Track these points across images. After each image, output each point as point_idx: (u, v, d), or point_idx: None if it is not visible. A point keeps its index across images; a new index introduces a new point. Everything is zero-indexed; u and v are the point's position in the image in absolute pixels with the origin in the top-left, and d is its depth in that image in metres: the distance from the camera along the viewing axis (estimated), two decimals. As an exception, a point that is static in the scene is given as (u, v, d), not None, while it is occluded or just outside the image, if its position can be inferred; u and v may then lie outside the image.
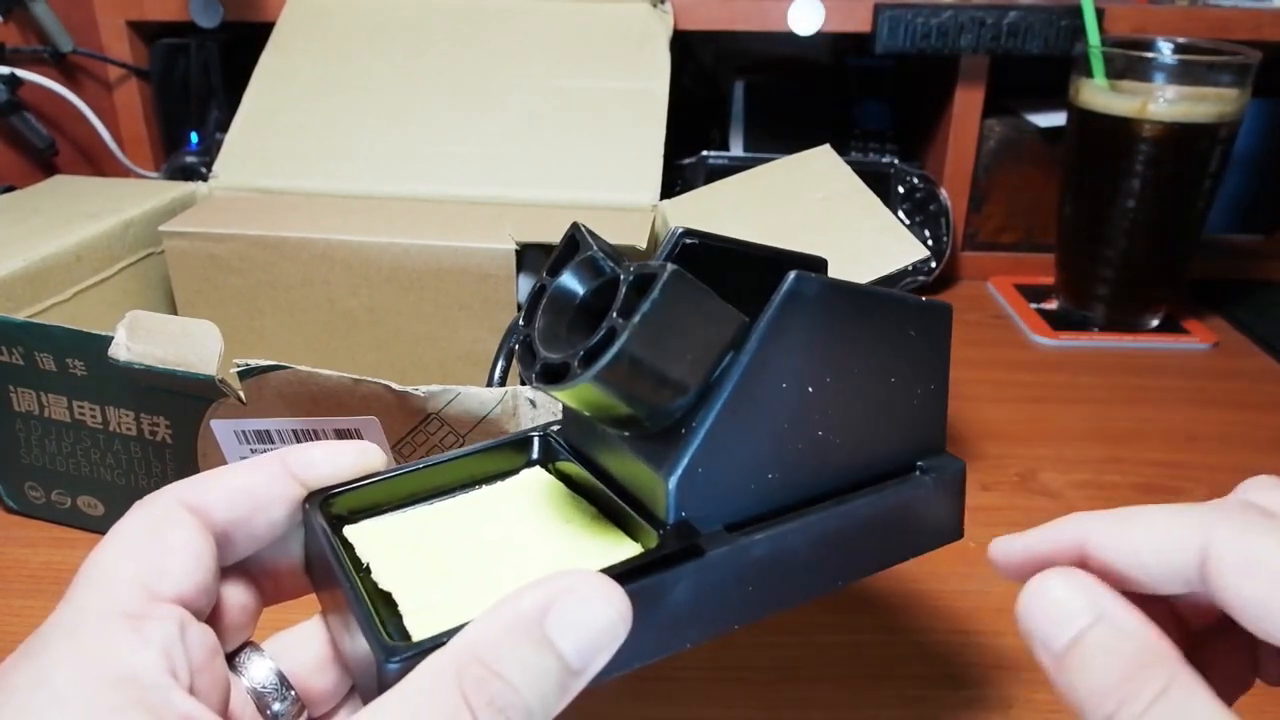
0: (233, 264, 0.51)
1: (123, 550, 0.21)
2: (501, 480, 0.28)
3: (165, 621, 0.20)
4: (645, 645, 0.22)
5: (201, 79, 0.74)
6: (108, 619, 0.20)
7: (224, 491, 0.23)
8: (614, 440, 0.25)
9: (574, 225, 0.24)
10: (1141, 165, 0.60)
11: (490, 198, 0.56)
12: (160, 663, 0.19)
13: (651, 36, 0.63)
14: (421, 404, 0.33)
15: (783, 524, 0.24)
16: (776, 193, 0.55)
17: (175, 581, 0.21)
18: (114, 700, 0.18)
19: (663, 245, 0.25)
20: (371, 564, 0.23)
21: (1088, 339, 0.65)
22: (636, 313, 0.21)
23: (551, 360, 0.22)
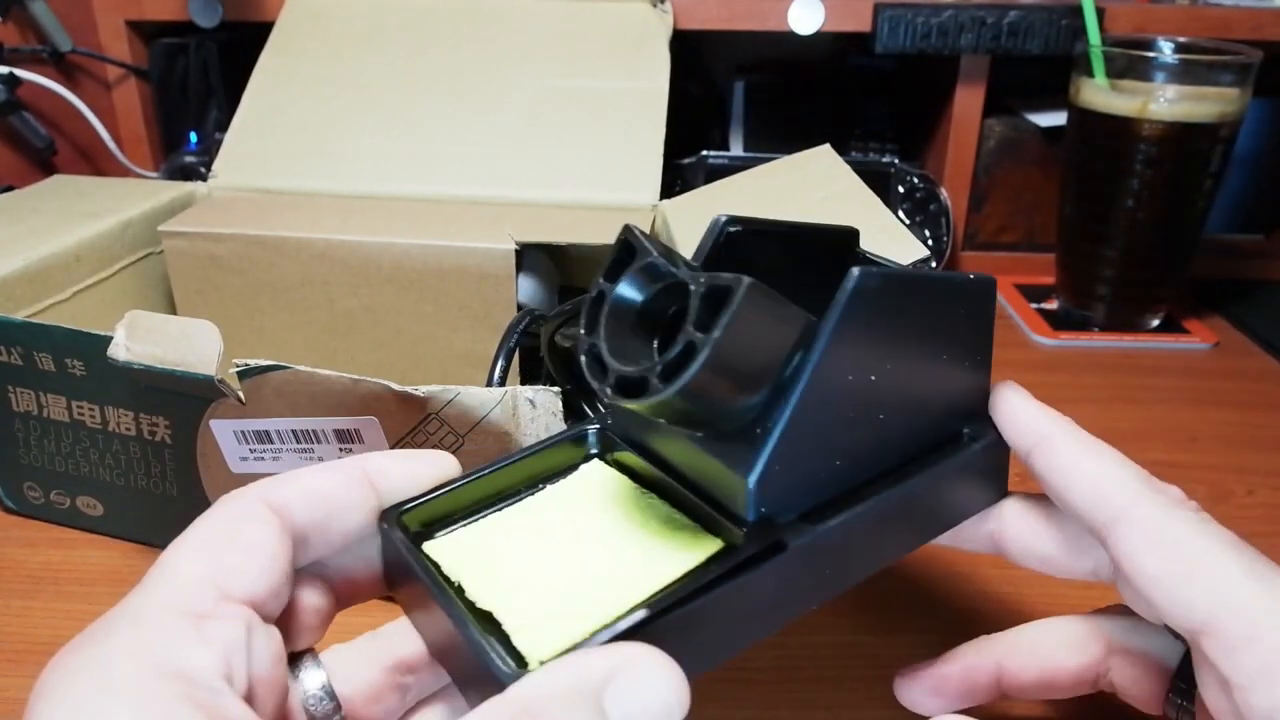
0: (232, 264, 0.50)
1: (199, 545, 0.21)
2: (563, 477, 0.27)
3: (232, 623, 0.20)
4: (729, 641, 0.23)
5: (201, 79, 0.73)
6: (173, 614, 0.20)
7: (303, 493, 0.23)
8: (679, 436, 0.25)
9: (626, 228, 0.24)
10: (1142, 165, 0.60)
11: (490, 198, 0.56)
12: (217, 665, 0.19)
13: (651, 36, 0.63)
14: (421, 404, 0.33)
15: (853, 507, 0.25)
16: (776, 193, 0.55)
17: (248, 582, 0.21)
18: (164, 693, 0.18)
19: (706, 235, 0.25)
20: (463, 582, 0.23)
21: (1088, 339, 0.65)
22: (716, 327, 0.21)
23: (627, 373, 0.22)
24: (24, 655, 0.37)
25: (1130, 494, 0.24)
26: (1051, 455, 0.26)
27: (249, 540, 0.21)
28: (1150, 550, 0.23)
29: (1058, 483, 0.26)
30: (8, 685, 0.36)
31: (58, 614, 0.39)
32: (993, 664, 0.29)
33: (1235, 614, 0.22)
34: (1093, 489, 0.25)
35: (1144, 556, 0.23)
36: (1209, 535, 0.23)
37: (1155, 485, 0.25)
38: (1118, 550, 0.24)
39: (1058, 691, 0.29)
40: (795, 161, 0.57)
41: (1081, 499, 0.25)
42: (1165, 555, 0.23)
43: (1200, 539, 0.23)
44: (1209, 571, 0.23)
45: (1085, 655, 0.28)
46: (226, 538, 0.21)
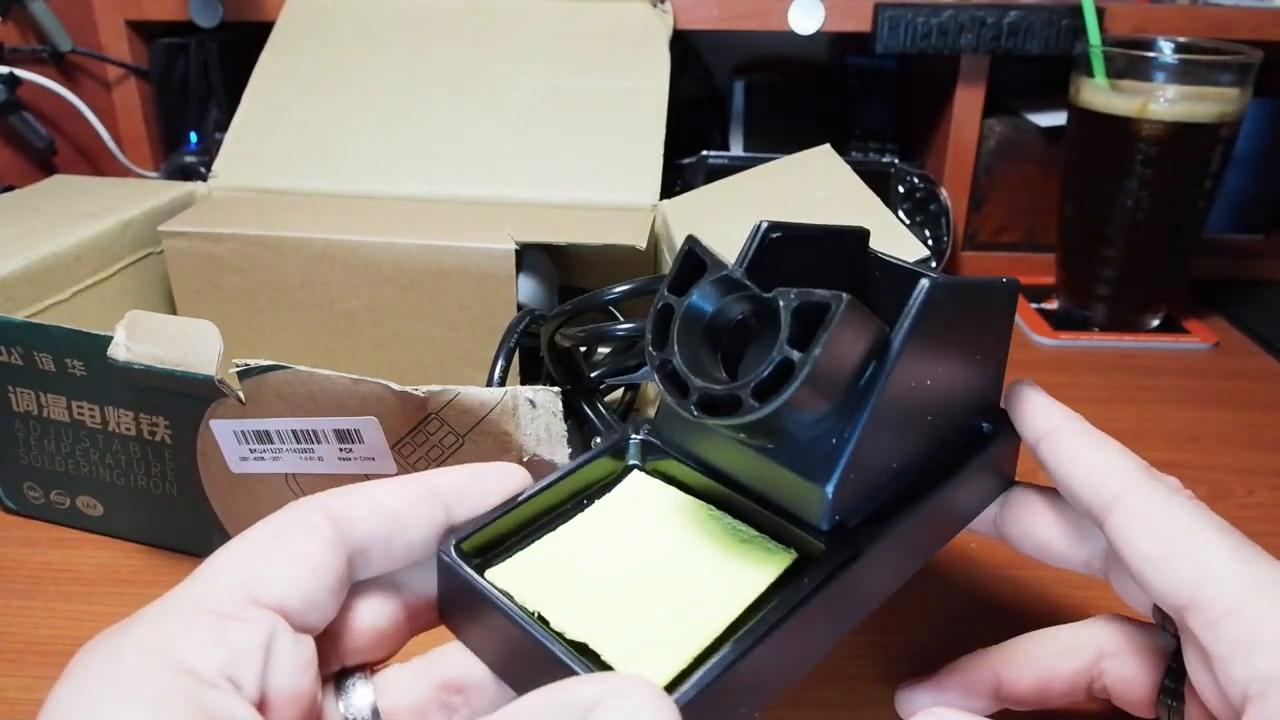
0: (232, 264, 0.50)
1: (242, 549, 0.22)
2: (607, 491, 0.27)
3: (252, 627, 0.20)
4: (814, 652, 0.24)
5: (201, 79, 0.73)
6: (197, 612, 0.20)
7: (368, 506, 0.23)
8: (740, 445, 0.25)
9: (691, 239, 0.24)
10: (1142, 165, 0.60)
11: (490, 198, 0.56)
12: (224, 666, 0.19)
13: (651, 36, 0.63)
14: (421, 404, 0.33)
15: (910, 508, 0.25)
16: (776, 193, 0.55)
17: (280, 590, 0.21)
18: (167, 687, 0.18)
19: (749, 241, 0.25)
20: (543, 612, 0.23)
21: (1088, 339, 0.65)
22: (817, 344, 0.21)
23: (715, 392, 0.22)
24: (24, 655, 0.37)
25: (1129, 480, 0.25)
26: (1058, 444, 0.27)
27: (295, 549, 0.22)
28: (1144, 530, 0.24)
29: (1062, 469, 0.27)
30: (8, 685, 0.36)
31: (58, 614, 0.39)
32: (990, 674, 0.30)
33: (1217, 589, 0.23)
34: (1093, 475, 0.26)
35: (1138, 536, 0.24)
36: (1199, 518, 0.24)
37: (1153, 474, 0.26)
38: (1114, 532, 0.25)
39: (1054, 698, 0.29)
40: (795, 161, 0.57)
41: (1083, 484, 0.26)
42: (1157, 535, 0.24)
43: (1191, 521, 0.24)
44: (1196, 550, 0.24)
45: (1078, 660, 0.29)
46: (273, 544, 0.22)
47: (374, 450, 0.35)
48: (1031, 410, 0.28)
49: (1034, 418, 0.28)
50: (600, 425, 0.43)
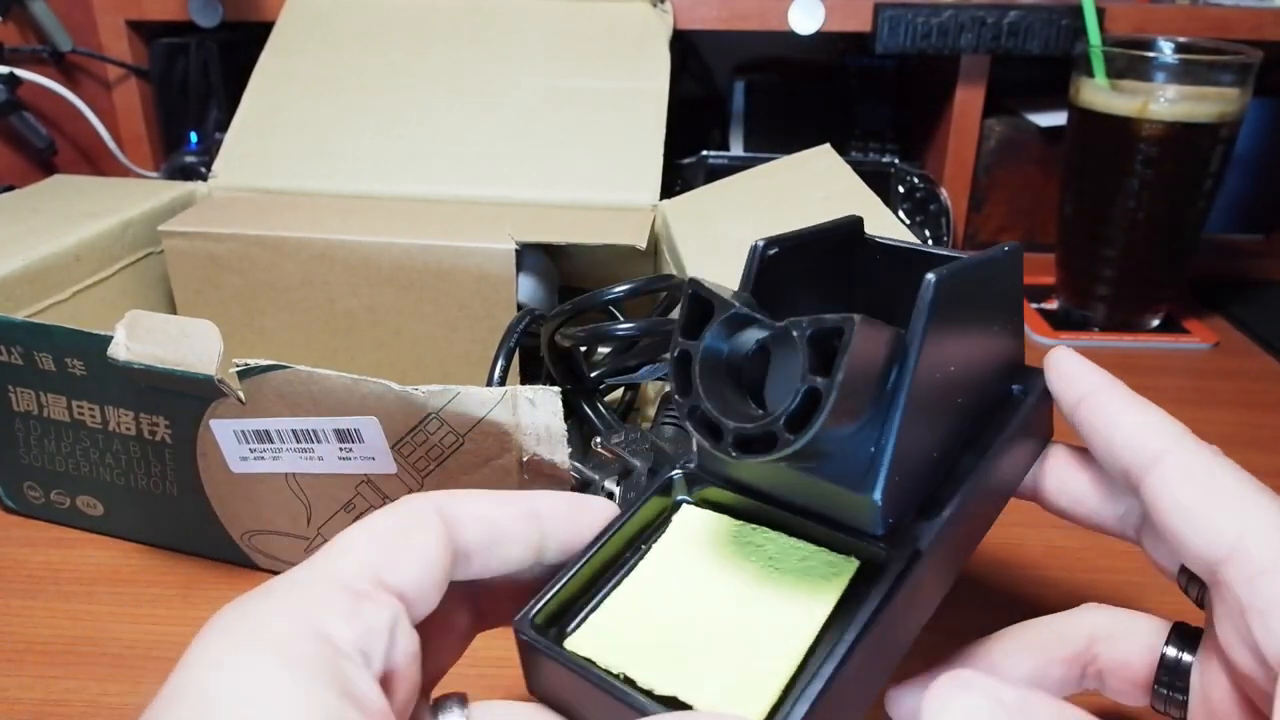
0: (232, 264, 0.50)
1: (367, 534, 0.22)
2: (660, 531, 0.27)
3: (381, 608, 0.21)
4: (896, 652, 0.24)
5: (201, 79, 0.73)
6: (331, 585, 0.21)
7: (476, 516, 0.24)
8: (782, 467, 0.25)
9: (693, 282, 0.24)
10: (1142, 165, 0.60)
11: (490, 198, 0.56)
12: (358, 640, 0.20)
13: (651, 36, 0.63)
14: (421, 404, 0.33)
15: (958, 491, 0.26)
16: (776, 193, 0.55)
17: (403, 577, 0.22)
18: (307, 651, 0.19)
19: (749, 263, 0.26)
20: (628, 672, 0.23)
21: (1088, 339, 0.65)
22: (838, 369, 0.21)
23: (749, 431, 0.22)
24: (24, 655, 0.37)
25: (1173, 440, 0.26)
26: (1100, 404, 0.27)
27: (414, 541, 0.23)
28: (1185, 483, 0.24)
29: (1103, 429, 0.27)
30: (8, 685, 0.36)
31: (58, 614, 0.39)
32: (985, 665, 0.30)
33: (1260, 542, 0.23)
34: (1138, 432, 0.26)
35: (1179, 489, 0.24)
36: (1242, 478, 0.25)
37: (1194, 437, 0.26)
38: (1155, 486, 0.25)
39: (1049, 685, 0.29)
40: (795, 161, 0.57)
41: (1125, 442, 0.26)
42: (1199, 488, 0.24)
43: (1234, 480, 0.24)
44: (1239, 503, 0.24)
45: (1072, 645, 0.29)
46: (395, 533, 0.23)
47: (374, 450, 0.35)
48: (1070, 373, 0.28)
49: (1073, 380, 0.28)
50: (600, 425, 0.43)
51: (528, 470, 0.34)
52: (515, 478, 0.34)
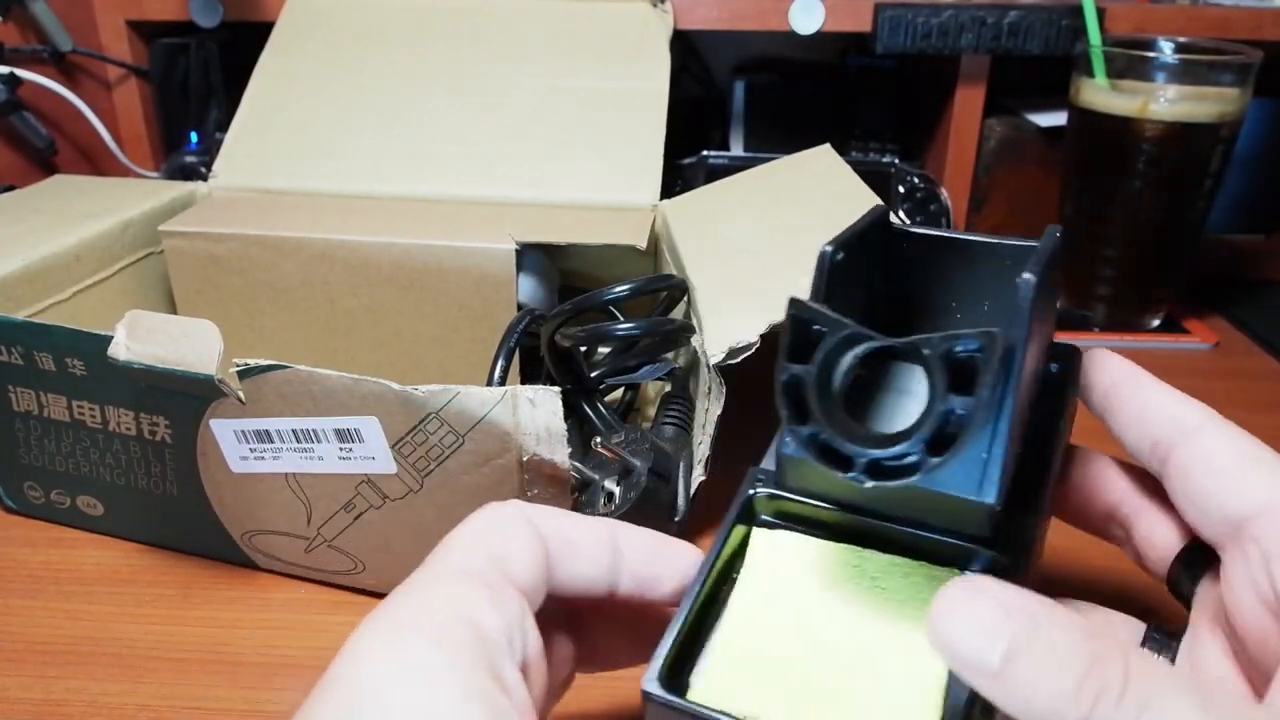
0: (232, 264, 0.50)
1: (480, 532, 0.23)
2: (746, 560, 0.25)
3: (514, 601, 0.22)
4: None
5: (201, 79, 0.73)
6: (469, 578, 0.21)
7: (555, 528, 0.24)
8: None
9: (794, 302, 0.22)
10: (1142, 165, 0.60)
11: (490, 198, 0.56)
12: (504, 630, 0.21)
13: (651, 36, 0.63)
14: (421, 404, 0.33)
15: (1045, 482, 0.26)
16: (776, 193, 0.55)
17: (520, 571, 0.22)
18: (462, 637, 0.20)
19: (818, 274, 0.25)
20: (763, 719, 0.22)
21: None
22: (984, 388, 0.20)
23: (887, 458, 0.21)
24: (24, 655, 0.37)
25: (1208, 416, 0.27)
26: (1138, 385, 0.28)
27: (517, 536, 0.23)
28: (1220, 448, 0.25)
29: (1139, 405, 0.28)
30: (8, 685, 0.36)
31: (58, 614, 0.39)
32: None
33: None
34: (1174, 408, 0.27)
35: (1214, 452, 0.25)
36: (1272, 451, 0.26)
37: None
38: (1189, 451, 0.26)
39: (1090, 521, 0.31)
40: (795, 161, 0.57)
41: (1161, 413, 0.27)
42: (1233, 451, 0.25)
43: (1265, 449, 0.26)
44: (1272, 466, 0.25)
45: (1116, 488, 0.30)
46: (501, 533, 0.23)
47: (374, 450, 0.35)
48: (1104, 363, 0.29)
49: (1106, 369, 0.29)
50: (600, 425, 0.43)
51: (528, 470, 0.34)
52: (515, 478, 0.34)
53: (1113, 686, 0.18)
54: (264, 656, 0.37)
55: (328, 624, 0.39)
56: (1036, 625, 0.19)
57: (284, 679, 0.36)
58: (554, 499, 0.35)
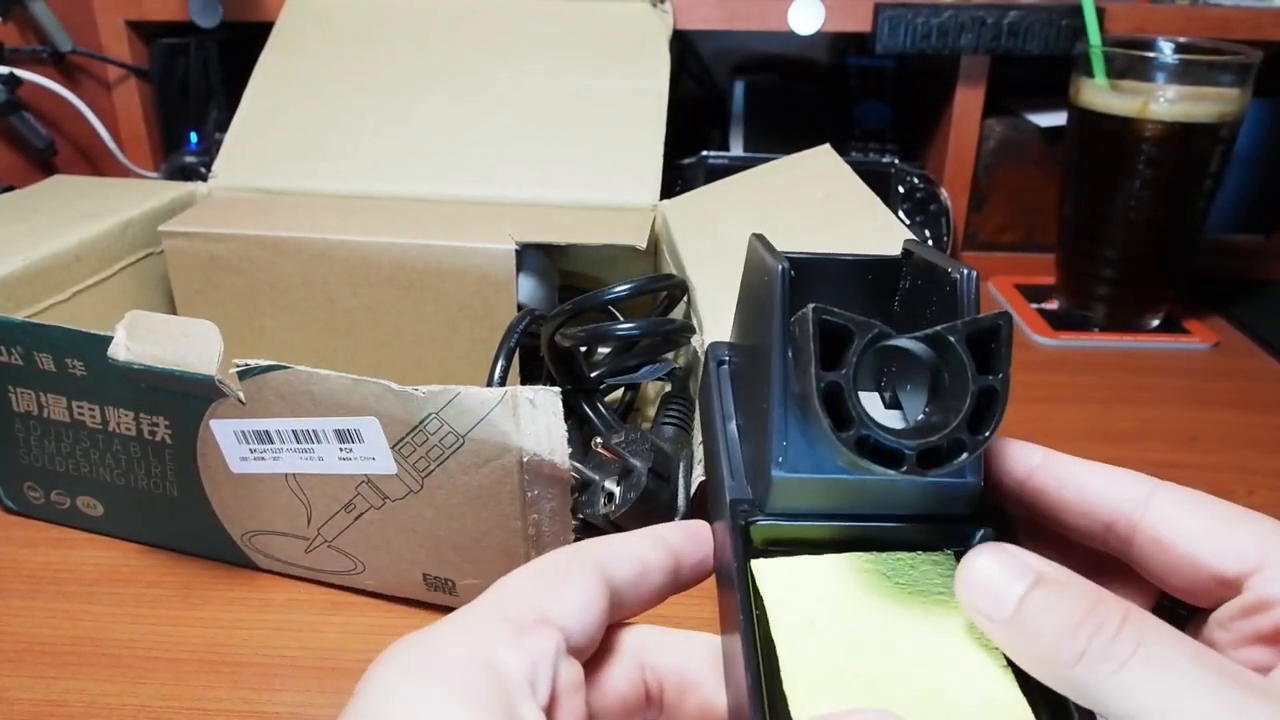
0: (232, 264, 0.50)
1: (530, 575, 0.24)
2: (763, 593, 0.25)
3: (544, 640, 0.22)
4: None
5: (201, 79, 0.73)
6: (497, 620, 0.22)
7: (621, 552, 0.25)
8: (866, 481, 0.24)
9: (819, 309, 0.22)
10: (1142, 165, 0.60)
11: (490, 198, 0.56)
12: (525, 670, 0.21)
13: (651, 36, 0.63)
14: (421, 404, 0.33)
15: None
16: (776, 193, 0.55)
17: (564, 611, 0.23)
18: (479, 680, 0.20)
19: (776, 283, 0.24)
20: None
21: (1088, 339, 0.65)
22: (1005, 363, 0.21)
23: (936, 443, 0.21)
24: (24, 655, 0.37)
25: (1152, 483, 0.25)
26: (1059, 468, 0.26)
27: (573, 578, 0.24)
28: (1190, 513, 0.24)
29: (1075, 486, 0.26)
30: (8, 685, 0.36)
31: (58, 614, 0.39)
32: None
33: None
34: (1114, 482, 0.26)
35: (1184, 519, 0.24)
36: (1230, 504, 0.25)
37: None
38: (1155, 526, 0.25)
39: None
40: (795, 161, 0.57)
41: (1106, 492, 0.26)
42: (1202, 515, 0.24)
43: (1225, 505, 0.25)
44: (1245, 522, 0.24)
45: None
46: (555, 574, 0.24)
47: (374, 450, 0.35)
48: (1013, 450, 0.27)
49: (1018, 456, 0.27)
50: (600, 425, 0.43)
51: (528, 471, 0.34)
52: (515, 478, 0.34)
53: (1109, 625, 0.19)
54: (263, 657, 0.37)
55: (327, 624, 0.39)
56: (1044, 577, 0.20)
57: (283, 680, 0.36)
58: (554, 499, 0.35)
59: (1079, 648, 0.19)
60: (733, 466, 0.27)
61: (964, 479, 0.24)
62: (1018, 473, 0.27)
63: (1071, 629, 0.19)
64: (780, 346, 0.24)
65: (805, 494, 0.25)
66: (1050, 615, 0.20)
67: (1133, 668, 0.19)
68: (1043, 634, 0.20)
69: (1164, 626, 0.20)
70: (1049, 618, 0.20)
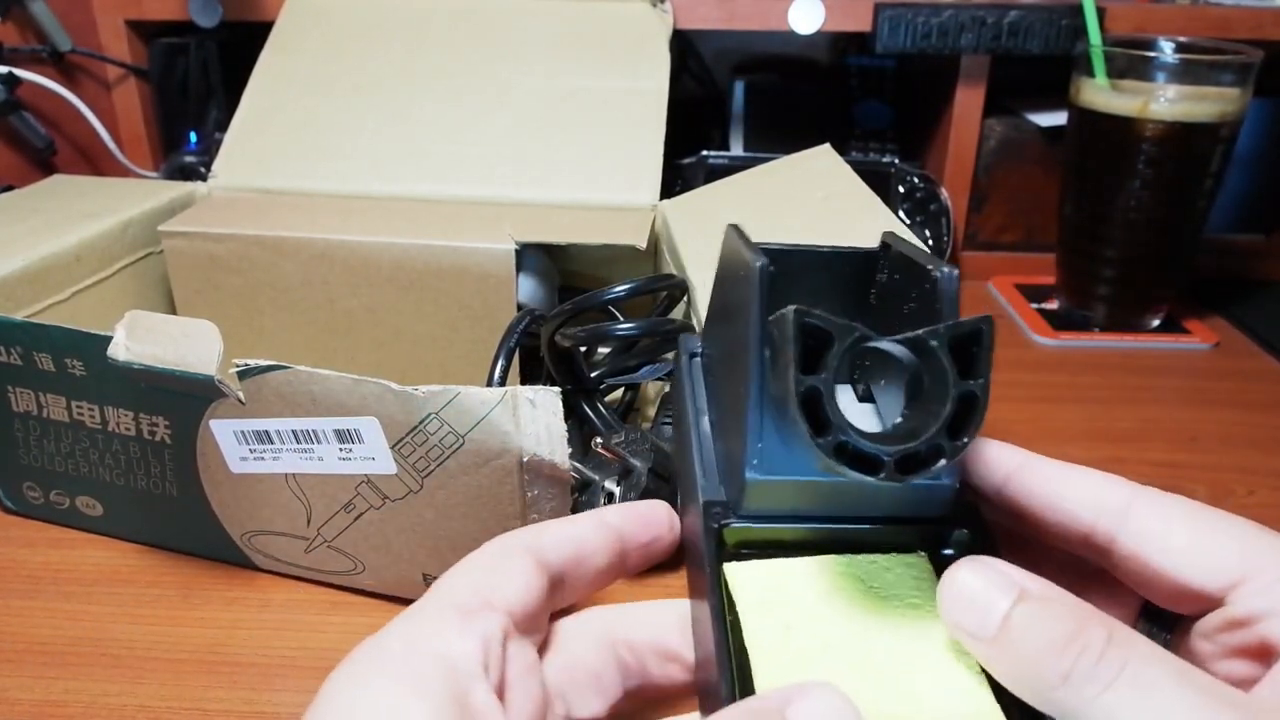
0: (232, 264, 0.50)
1: (469, 568, 0.24)
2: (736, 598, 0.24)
3: (490, 622, 0.23)
4: None
5: (200, 78, 0.73)
6: (443, 609, 0.23)
7: (556, 535, 0.26)
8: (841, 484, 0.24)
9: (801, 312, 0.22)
10: (1142, 165, 0.60)
11: (490, 198, 0.56)
12: (476, 653, 0.22)
13: (651, 36, 0.63)
14: (421, 404, 0.33)
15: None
16: (776, 193, 0.55)
17: (507, 596, 0.23)
18: (426, 670, 0.21)
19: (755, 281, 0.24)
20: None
21: (1088, 339, 0.65)
22: (986, 367, 0.21)
23: (915, 449, 0.21)
24: (23, 655, 0.37)
25: (1131, 489, 0.25)
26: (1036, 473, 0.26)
27: (510, 566, 0.24)
28: (1168, 527, 0.24)
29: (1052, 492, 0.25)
30: (7, 685, 0.36)
31: (57, 614, 0.39)
32: None
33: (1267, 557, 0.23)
34: (1091, 490, 0.25)
35: (1163, 534, 0.24)
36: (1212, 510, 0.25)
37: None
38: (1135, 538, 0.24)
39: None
40: (795, 161, 0.57)
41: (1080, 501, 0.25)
42: (1183, 529, 0.24)
43: (1206, 511, 0.24)
44: (1232, 532, 0.24)
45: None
46: (491, 563, 0.24)
47: (374, 450, 0.35)
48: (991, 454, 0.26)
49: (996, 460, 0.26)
50: (600, 425, 0.43)
51: (528, 470, 0.34)
52: (515, 478, 0.34)
53: (1094, 646, 0.19)
54: (263, 657, 0.37)
55: (327, 625, 0.39)
56: (1028, 593, 0.20)
57: (283, 680, 0.36)
58: (554, 499, 0.35)
59: (1064, 669, 0.19)
60: (705, 464, 0.26)
61: (939, 481, 0.23)
62: (995, 477, 0.26)
63: (1057, 649, 0.19)
64: (758, 347, 0.23)
65: (780, 496, 0.24)
66: (1035, 633, 0.20)
67: (1118, 690, 0.19)
68: (1027, 653, 0.20)
69: (1149, 646, 0.19)
70: (1034, 636, 0.20)
